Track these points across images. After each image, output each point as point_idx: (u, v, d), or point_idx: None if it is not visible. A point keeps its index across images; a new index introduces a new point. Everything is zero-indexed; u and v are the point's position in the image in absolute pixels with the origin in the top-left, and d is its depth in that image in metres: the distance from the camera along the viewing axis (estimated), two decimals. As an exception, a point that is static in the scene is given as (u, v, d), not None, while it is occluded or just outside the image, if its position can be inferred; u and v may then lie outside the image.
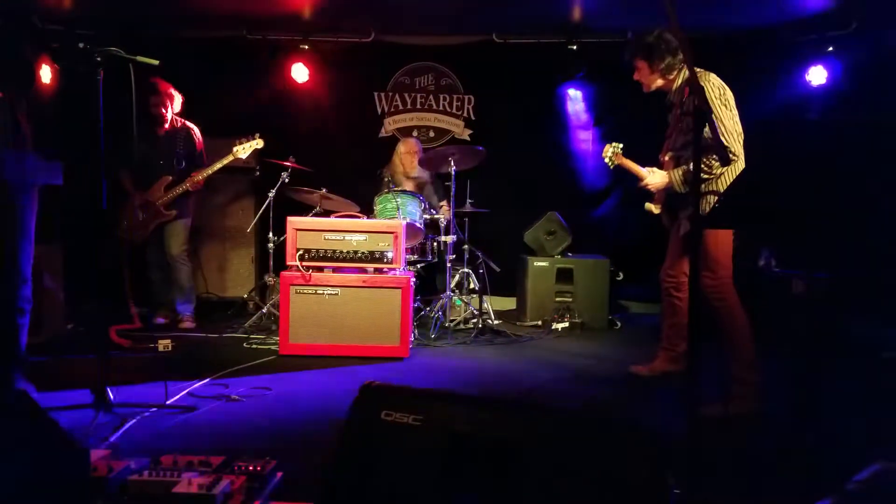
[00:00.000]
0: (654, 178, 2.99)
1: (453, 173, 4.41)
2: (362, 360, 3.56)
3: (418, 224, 4.22)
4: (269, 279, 4.55)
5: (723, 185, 2.72)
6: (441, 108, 5.69)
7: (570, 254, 4.96)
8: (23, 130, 2.62)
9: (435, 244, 4.47)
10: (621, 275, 4.95)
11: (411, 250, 4.32)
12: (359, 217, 4.25)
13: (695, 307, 1.72)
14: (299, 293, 3.67)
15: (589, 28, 5.01)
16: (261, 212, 4.64)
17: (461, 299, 4.59)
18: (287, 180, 4.53)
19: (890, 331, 3.43)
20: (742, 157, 2.72)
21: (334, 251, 3.76)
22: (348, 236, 3.78)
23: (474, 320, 4.43)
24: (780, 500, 1.90)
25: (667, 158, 3.00)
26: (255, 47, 5.29)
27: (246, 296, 4.91)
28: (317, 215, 4.35)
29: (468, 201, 4.63)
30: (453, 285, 4.54)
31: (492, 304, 4.83)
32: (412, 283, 3.72)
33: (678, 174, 2.86)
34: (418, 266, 4.43)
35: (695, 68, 1.74)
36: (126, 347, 3.73)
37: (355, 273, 3.73)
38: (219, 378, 3.15)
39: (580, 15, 4.83)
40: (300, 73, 5.21)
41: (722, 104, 2.70)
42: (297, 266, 3.69)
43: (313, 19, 4.95)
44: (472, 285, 4.70)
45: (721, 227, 2.70)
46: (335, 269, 3.75)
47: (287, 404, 2.85)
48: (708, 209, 2.73)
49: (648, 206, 3.10)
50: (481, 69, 5.53)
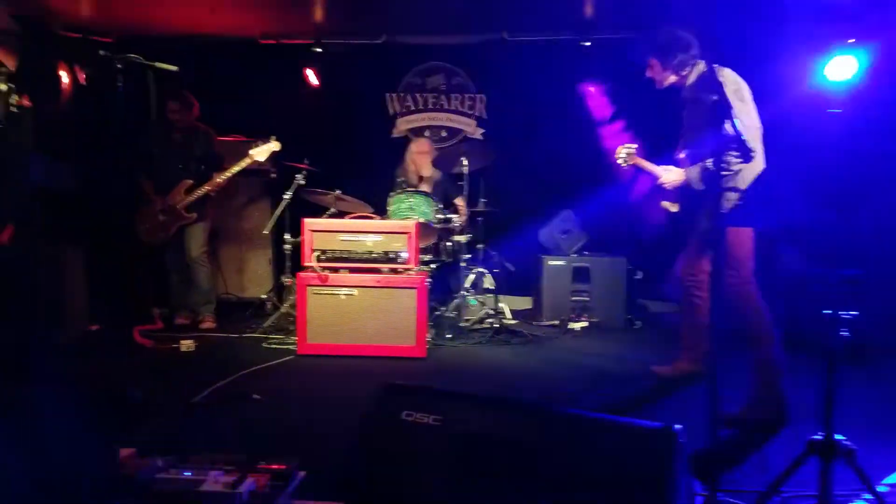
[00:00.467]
0: (670, 175, 2.98)
1: (466, 172, 4.42)
2: (379, 360, 3.58)
3: (432, 224, 4.23)
4: (286, 280, 4.59)
5: (741, 181, 2.70)
6: (453, 107, 5.69)
7: (586, 252, 4.94)
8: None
9: (449, 244, 4.48)
10: (640, 273, 4.90)
11: (425, 250, 4.33)
12: (373, 218, 4.28)
13: (716, 306, 1.71)
14: (316, 294, 3.70)
15: (602, 24, 4.98)
16: (277, 213, 4.68)
17: (476, 299, 4.59)
18: (302, 182, 4.57)
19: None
20: (761, 154, 2.70)
21: (349, 252, 3.79)
22: (363, 237, 3.80)
23: (490, 320, 4.43)
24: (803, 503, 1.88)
25: (682, 155, 2.98)
26: (268, 51, 5.35)
27: (264, 296, 4.97)
28: (331, 216, 4.38)
29: (481, 200, 4.64)
30: (468, 285, 4.55)
31: (507, 303, 4.83)
32: (427, 283, 3.73)
33: (695, 171, 2.84)
34: (432, 266, 4.45)
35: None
36: (149, 348, 3.79)
37: (370, 273, 3.75)
38: (239, 377, 3.20)
39: (592, 11, 4.80)
40: (312, 75, 5.26)
41: (738, 99, 2.67)
42: (314, 267, 3.72)
43: (325, 23, 4.99)
44: (486, 285, 4.70)
45: (742, 225, 2.67)
46: (351, 270, 3.78)
47: (307, 404, 2.88)
48: (728, 206, 2.70)
49: (665, 203, 3.09)
50: (493, 68, 5.51)
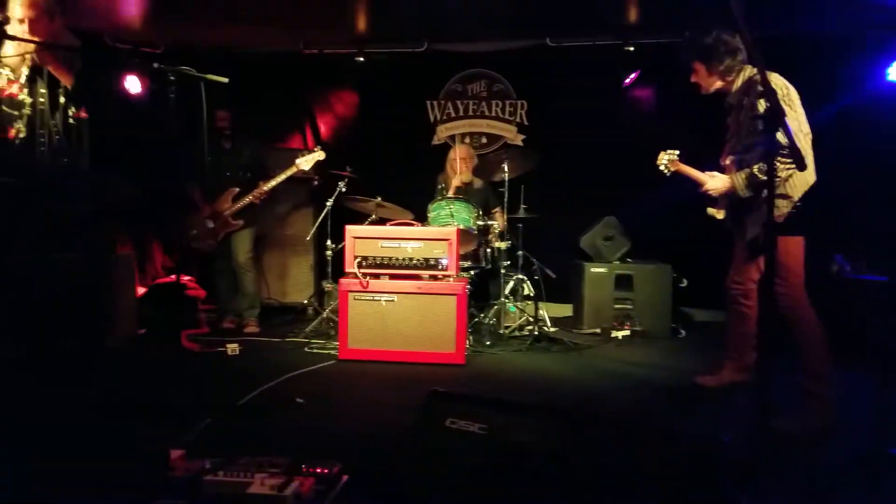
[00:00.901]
0: (715, 182, 2.90)
1: (506, 179, 4.41)
2: (418, 367, 3.60)
3: (472, 230, 4.24)
4: (328, 286, 4.67)
5: (790, 189, 2.62)
6: (493, 114, 5.70)
7: (629, 259, 4.86)
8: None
9: (489, 250, 4.47)
10: (685, 281, 4.79)
11: (465, 257, 4.34)
12: (413, 225, 4.32)
13: (765, 316, 1.66)
14: (357, 300, 3.76)
15: (646, 29, 4.91)
16: (319, 220, 4.77)
17: (515, 306, 4.57)
18: (344, 190, 4.65)
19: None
20: (811, 160, 2.61)
21: (390, 258, 3.83)
22: (404, 244, 3.84)
23: (529, 327, 4.41)
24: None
25: (728, 162, 2.90)
26: (312, 61, 5.47)
27: (306, 301, 5.06)
28: (372, 223, 4.44)
29: (522, 207, 4.61)
30: (507, 292, 4.53)
31: (547, 310, 4.79)
32: (466, 290, 3.74)
33: (741, 178, 2.77)
34: (472, 273, 4.45)
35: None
36: (196, 352, 3.91)
37: (411, 280, 3.78)
38: (283, 381, 3.26)
39: (636, 16, 4.74)
40: (354, 84, 5.36)
41: (787, 105, 2.59)
42: (356, 273, 3.78)
43: (367, 32, 5.07)
44: (526, 292, 4.67)
45: (792, 234, 2.59)
46: (391, 277, 3.82)
47: (349, 408, 2.92)
48: (778, 214, 2.62)
49: (711, 210, 3.02)
50: (534, 74, 5.50)
